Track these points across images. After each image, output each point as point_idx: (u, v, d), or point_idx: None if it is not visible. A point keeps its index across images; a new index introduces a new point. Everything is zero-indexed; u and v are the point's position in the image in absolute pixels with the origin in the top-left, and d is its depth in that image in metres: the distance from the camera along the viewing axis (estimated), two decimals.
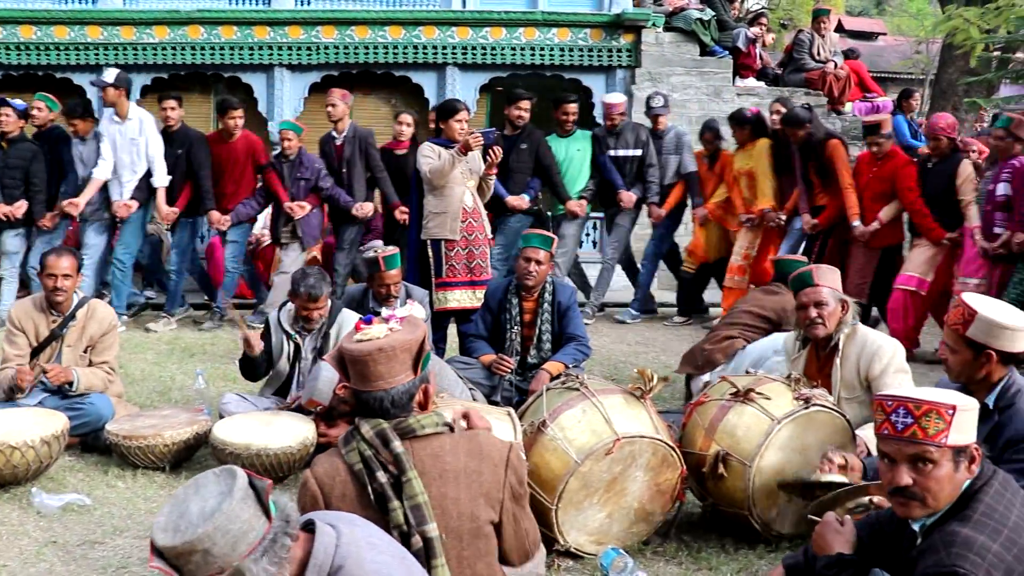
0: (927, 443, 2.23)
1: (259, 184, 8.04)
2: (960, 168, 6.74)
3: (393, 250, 5.63)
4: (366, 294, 5.70)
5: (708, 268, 8.40)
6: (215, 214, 7.88)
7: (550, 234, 5.57)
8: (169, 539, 1.82)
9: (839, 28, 30.78)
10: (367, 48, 10.28)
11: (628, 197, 7.94)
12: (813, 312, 4.05)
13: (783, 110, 7.70)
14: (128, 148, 7.61)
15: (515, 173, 7.73)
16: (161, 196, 7.71)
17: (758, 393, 3.62)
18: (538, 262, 5.29)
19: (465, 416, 2.54)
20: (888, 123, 7.37)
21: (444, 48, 10.33)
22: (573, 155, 8.03)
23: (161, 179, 7.71)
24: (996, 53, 13.21)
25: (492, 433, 2.70)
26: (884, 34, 33.14)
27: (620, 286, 8.93)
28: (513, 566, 2.55)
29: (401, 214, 7.75)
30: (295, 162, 7.78)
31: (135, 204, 7.63)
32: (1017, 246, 6.27)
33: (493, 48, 10.37)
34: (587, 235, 10.06)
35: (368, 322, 2.58)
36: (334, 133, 7.95)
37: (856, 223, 7.10)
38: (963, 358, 3.09)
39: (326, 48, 10.26)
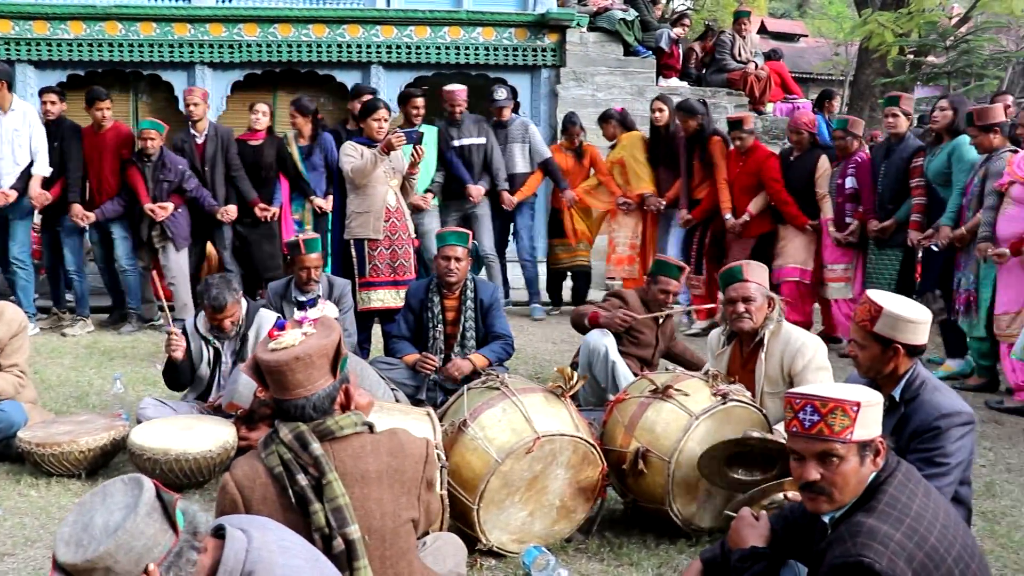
0: (833, 440, 2.28)
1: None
2: (819, 162, 7.29)
3: (314, 235, 5.69)
4: (288, 285, 5.66)
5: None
6: (77, 208, 7.61)
7: (465, 230, 5.55)
8: (71, 555, 1.77)
9: (762, 29, 31.48)
10: (290, 46, 10.14)
11: (477, 191, 7.91)
12: (741, 307, 4.12)
13: (664, 108, 8.06)
14: (10, 140, 7.37)
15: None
16: (36, 181, 7.43)
17: (676, 389, 3.66)
18: (457, 259, 5.27)
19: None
20: (750, 120, 7.85)
21: (368, 47, 10.26)
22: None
23: (41, 168, 7.47)
24: (910, 56, 13.62)
25: (408, 430, 2.68)
26: (805, 36, 33.86)
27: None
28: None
29: (262, 211, 7.64)
30: (157, 162, 7.54)
31: (14, 194, 7.34)
32: (873, 232, 6.84)
33: (418, 47, 10.33)
34: None
35: (281, 328, 2.54)
36: (194, 132, 7.77)
37: (728, 216, 7.59)
38: (871, 353, 3.14)
39: (248, 46, 10.09)
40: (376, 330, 6.56)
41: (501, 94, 8.24)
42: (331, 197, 7.39)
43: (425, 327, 5.39)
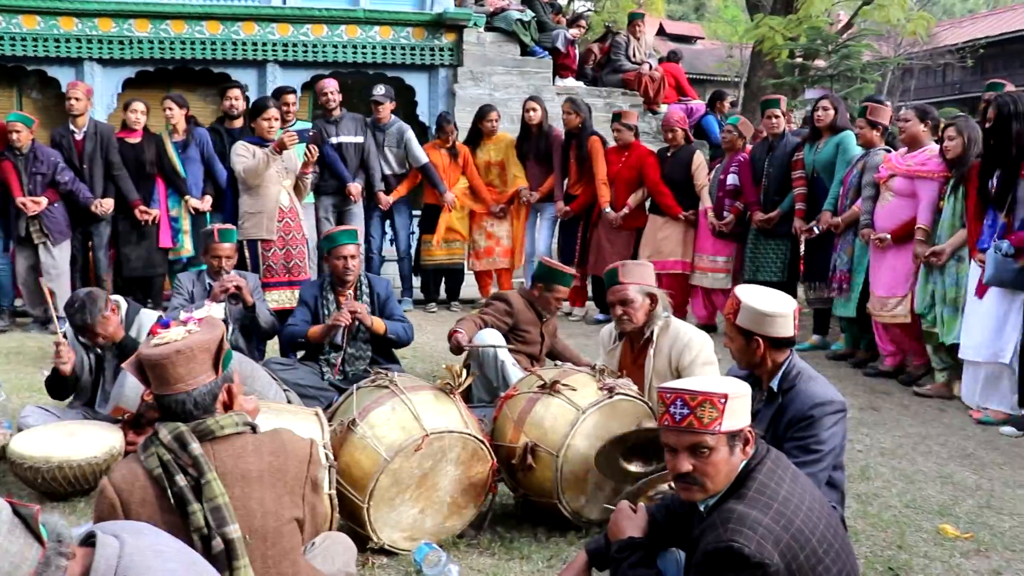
0: (703, 432, 2.37)
1: None
2: (695, 157, 7.86)
3: (230, 226, 5.64)
4: (199, 277, 5.56)
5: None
6: None
7: (353, 227, 5.50)
8: None
9: (661, 31, 32.12)
10: (183, 44, 9.89)
11: (356, 189, 7.92)
12: (619, 310, 4.22)
13: (537, 108, 8.32)
14: None
15: None
16: None
17: (564, 385, 3.73)
18: (352, 256, 5.24)
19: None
20: (634, 116, 8.25)
21: (264, 45, 10.08)
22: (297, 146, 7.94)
23: None
24: (799, 60, 14.10)
25: (292, 430, 2.68)
26: (702, 38, 34.71)
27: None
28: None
29: (142, 214, 7.44)
30: (29, 156, 7.28)
31: None
32: (760, 223, 7.32)
33: (315, 46, 10.20)
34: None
35: (165, 326, 2.53)
36: (73, 128, 7.50)
37: (608, 209, 7.93)
38: (738, 345, 3.26)
39: (139, 43, 9.79)
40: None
41: (379, 90, 8.25)
42: (208, 197, 7.27)
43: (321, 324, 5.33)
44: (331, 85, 8.02)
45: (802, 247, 7.43)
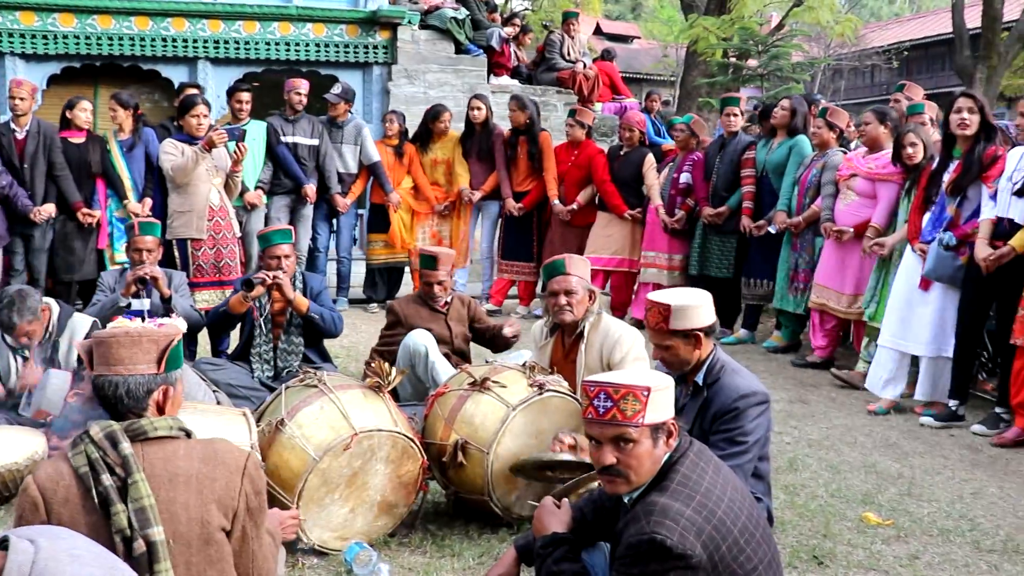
0: (626, 424, 2.39)
1: None
2: (646, 159, 7.94)
3: (154, 220, 5.55)
4: (122, 274, 5.44)
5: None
6: None
7: (288, 227, 5.42)
8: None
9: (598, 31, 32.33)
10: (111, 39, 9.69)
11: (311, 190, 7.81)
12: (563, 299, 4.22)
13: (482, 106, 8.34)
14: None
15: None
16: None
17: (494, 382, 3.74)
18: (286, 256, 5.16)
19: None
20: (589, 115, 8.42)
21: (195, 41, 9.93)
22: (248, 144, 7.60)
23: None
24: (733, 60, 14.32)
25: (229, 440, 2.64)
26: (639, 38, 35.02)
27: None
28: None
29: (85, 216, 7.16)
30: None
31: None
32: (709, 218, 7.43)
33: (247, 43, 10.08)
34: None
35: (129, 319, 2.54)
36: (14, 126, 7.14)
37: (556, 202, 8.05)
38: (676, 350, 3.30)
39: (65, 38, 9.57)
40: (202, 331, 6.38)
41: (335, 89, 8.18)
42: (148, 200, 7.12)
43: (252, 320, 5.26)
44: (302, 87, 7.89)
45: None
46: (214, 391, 4.63)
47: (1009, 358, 5.15)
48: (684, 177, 7.66)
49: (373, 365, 3.67)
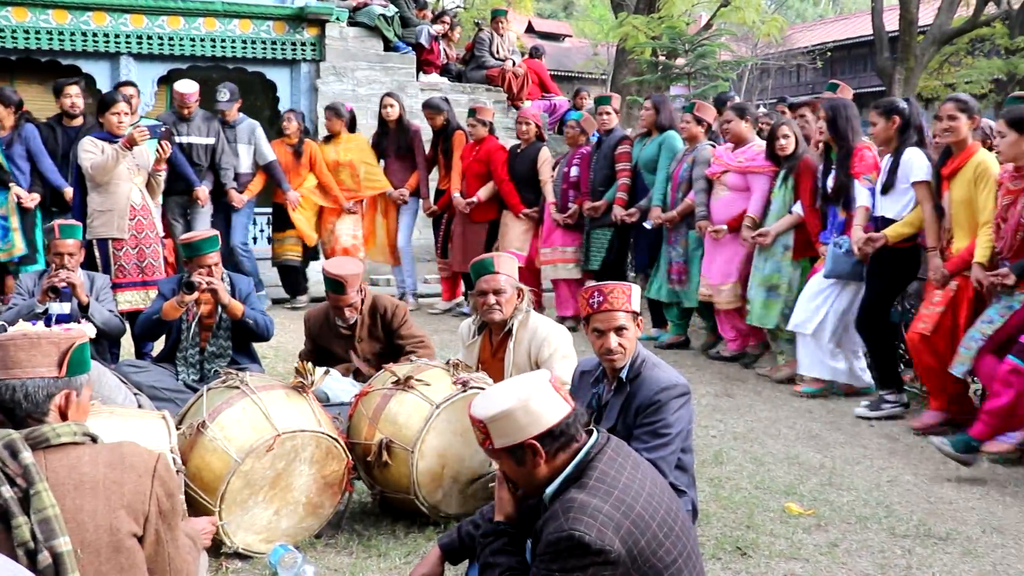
0: (488, 450, 2.53)
1: None
2: (540, 154, 8.05)
3: (75, 222, 5.40)
4: (41, 277, 5.28)
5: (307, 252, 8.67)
6: None
7: (213, 232, 5.27)
8: None
9: (529, 29, 32.41)
10: (27, 33, 9.40)
11: (203, 193, 7.66)
12: (492, 299, 4.22)
13: (395, 104, 8.40)
14: None
15: None
16: None
17: (418, 380, 3.73)
18: (215, 265, 5.03)
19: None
20: (489, 112, 8.46)
21: (117, 36, 9.68)
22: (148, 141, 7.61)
23: None
24: (662, 58, 14.49)
25: (138, 443, 2.57)
26: (570, 36, 35.17)
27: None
28: None
29: None
30: None
31: None
32: (587, 210, 7.59)
33: (171, 38, 9.87)
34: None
35: (33, 324, 2.45)
36: None
37: (456, 195, 8.18)
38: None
39: None
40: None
41: (224, 95, 8.04)
42: (36, 195, 6.92)
43: (179, 323, 5.15)
44: (191, 97, 7.72)
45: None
46: (135, 394, 4.53)
47: (890, 344, 5.67)
48: (574, 171, 7.84)
49: (297, 365, 3.63)
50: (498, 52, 11.37)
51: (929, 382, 5.29)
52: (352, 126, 8.68)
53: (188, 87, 7.84)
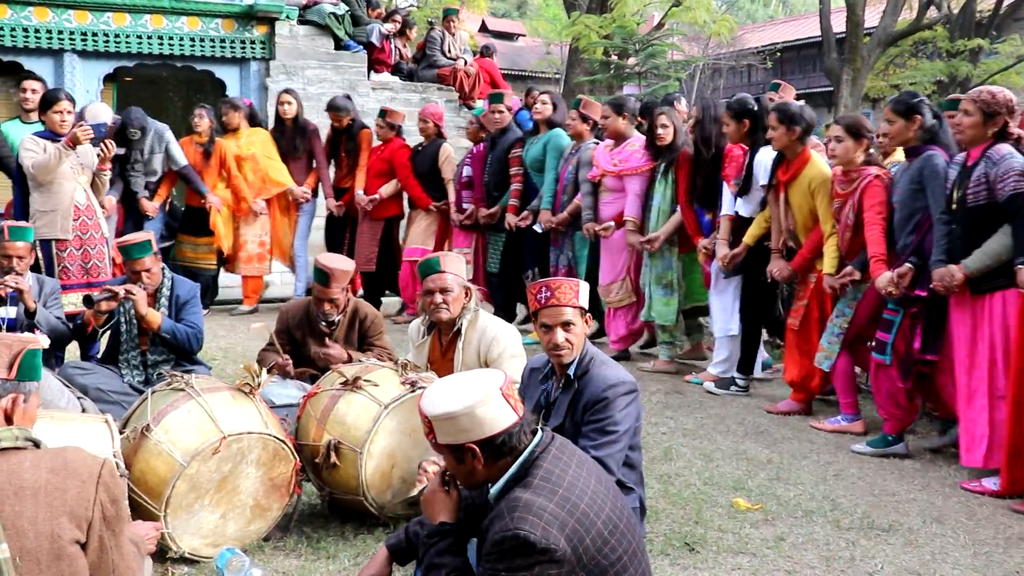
0: (434, 443, 2.52)
1: None
2: (440, 151, 8.04)
3: (25, 223, 5.27)
4: None
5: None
6: None
7: (146, 237, 5.15)
8: None
9: (483, 28, 32.38)
10: None
11: (110, 203, 7.19)
12: (439, 297, 4.20)
13: (293, 101, 8.29)
14: None
15: None
16: None
17: (366, 380, 3.72)
18: (146, 271, 4.93)
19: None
20: (399, 116, 8.39)
21: (60, 33, 9.48)
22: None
23: None
24: (614, 58, 14.58)
25: (83, 448, 2.53)
26: (524, 35, 35.19)
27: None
28: None
29: None
30: None
31: None
32: (483, 219, 7.64)
33: (117, 35, 9.68)
34: None
35: None
36: None
37: (359, 192, 8.18)
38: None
39: None
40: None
41: (134, 135, 7.58)
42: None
43: (117, 326, 5.05)
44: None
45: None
46: (79, 398, 4.45)
47: (758, 334, 6.09)
48: (467, 171, 7.89)
49: (243, 367, 3.60)
50: (450, 51, 11.34)
51: (797, 375, 5.57)
52: (253, 120, 8.42)
53: (100, 109, 7.31)
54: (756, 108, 5.69)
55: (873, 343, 4.97)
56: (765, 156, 5.58)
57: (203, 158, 7.94)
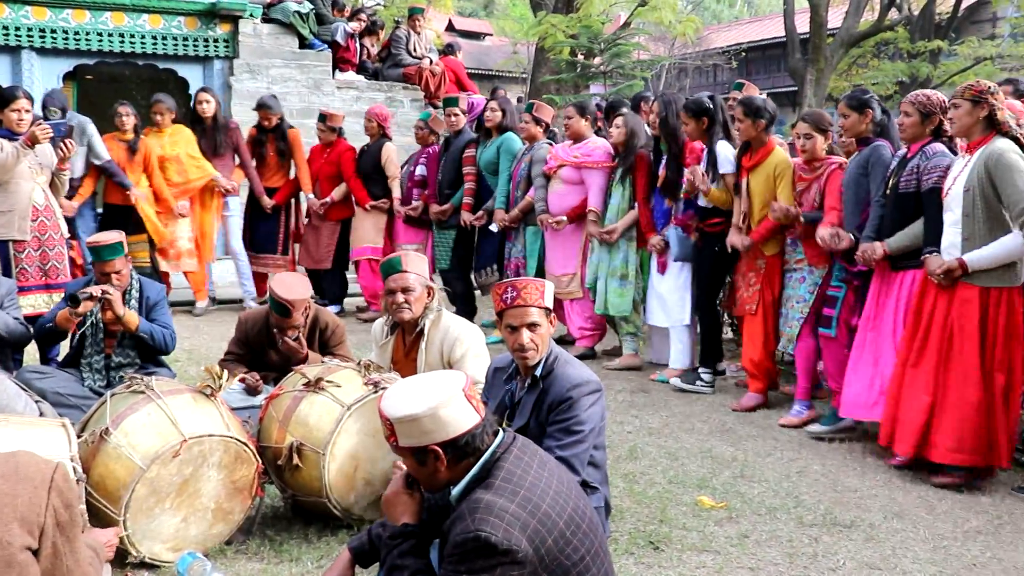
0: (395, 447, 2.51)
1: None
2: (383, 150, 8.18)
3: None
4: None
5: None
6: None
7: (117, 239, 5.08)
8: None
9: (450, 27, 32.33)
10: None
11: (69, 204, 7.06)
12: (400, 297, 4.17)
13: (211, 100, 8.19)
14: None
15: None
16: None
17: (328, 381, 3.69)
18: (116, 272, 4.87)
19: None
20: (339, 119, 8.42)
21: (18, 30, 9.35)
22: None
23: None
24: (580, 57, 14.61)
25: (36, 453, 2.48)
26: (491, 35, 35.16)
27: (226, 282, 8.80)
28: None
29: None
30: None
31: None
32: (434, 215, 7.79)
33: (76, 33, 9.56)
34: None
35: None
36: None
37: (310, 196, 8.32)
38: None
39: None
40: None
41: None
42: None
43: (83, 331, 4.97)
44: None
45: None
46: (37, 401, 4.38)
47: (718, 325, 6.35)
48: (420, 170, 8.04)
49: (204, 369, 3.55)
50: (415, 50, 11.30)
51: (753, 365, 5.76)
52: (176, 118, 8.16)
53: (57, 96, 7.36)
54: (712, 106, 5.98)
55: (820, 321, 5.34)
56: (724, 149, 5.91)
57: (128, 154, 7.71)
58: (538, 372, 3.40)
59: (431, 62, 11.22)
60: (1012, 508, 4.20)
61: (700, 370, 6.16)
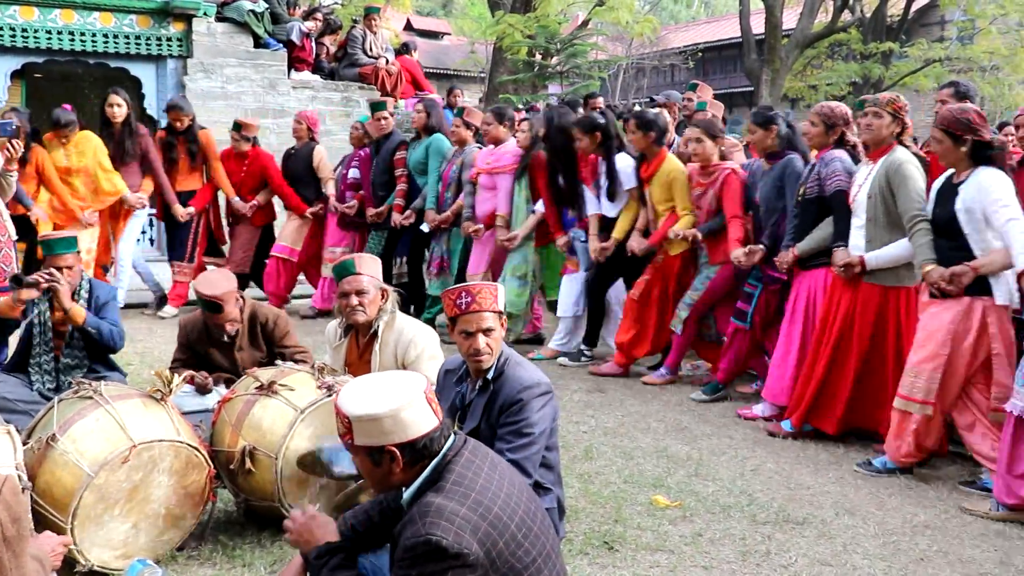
0: (350, 445, 2.47)
1: None
2: (314, 154, 8.27)
3: None
4: None
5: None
6: None
7: (72, 234, 5.02)
8: None
9: (408, 26, 32.24)
10: None
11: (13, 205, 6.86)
12: (354, 300, 4.14)
13: (122, 104, 7.80)
14: None
15: None
16: None
17: (282, 385, 3.66)
18: (68, 267, 4.80)
19: None
20: (253, 128, 8.34)
21: None
22: None
23: None
24: (538, 57, 14.64)
25: None
26: (449, 34, 35.13)
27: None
28: None
29: None
30: None
31: None
32: (371, 217, 7.94)
33: (24, 30, 9.38)
34: (144, 233, 9.47)
35: None
36: None
37: (235, 199, 8.22)
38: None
39: None
40: None
41: None
42: None
43: (29, 328, 4.88)
44: None
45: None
46: None
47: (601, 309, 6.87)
48: (352, 172, 8.21)
49: (154, 373, 3.51)
50: (371, 50, 11.24)
51: (619, 343, 6.46)
52: (35, 136, 7.61)
53: None
54: (604, 121, 6.47)
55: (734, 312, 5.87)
56: (623, 163, 6.43)
57: (18, 165, 6.94)
58: (489, 375, 3.40)
59: (387, 62, 11.17)
60: (959, 502, 4.28)
61: (582, 348, 6.79)
